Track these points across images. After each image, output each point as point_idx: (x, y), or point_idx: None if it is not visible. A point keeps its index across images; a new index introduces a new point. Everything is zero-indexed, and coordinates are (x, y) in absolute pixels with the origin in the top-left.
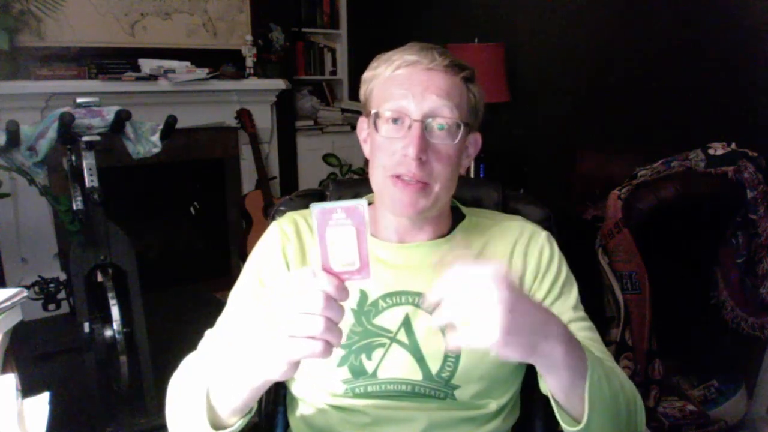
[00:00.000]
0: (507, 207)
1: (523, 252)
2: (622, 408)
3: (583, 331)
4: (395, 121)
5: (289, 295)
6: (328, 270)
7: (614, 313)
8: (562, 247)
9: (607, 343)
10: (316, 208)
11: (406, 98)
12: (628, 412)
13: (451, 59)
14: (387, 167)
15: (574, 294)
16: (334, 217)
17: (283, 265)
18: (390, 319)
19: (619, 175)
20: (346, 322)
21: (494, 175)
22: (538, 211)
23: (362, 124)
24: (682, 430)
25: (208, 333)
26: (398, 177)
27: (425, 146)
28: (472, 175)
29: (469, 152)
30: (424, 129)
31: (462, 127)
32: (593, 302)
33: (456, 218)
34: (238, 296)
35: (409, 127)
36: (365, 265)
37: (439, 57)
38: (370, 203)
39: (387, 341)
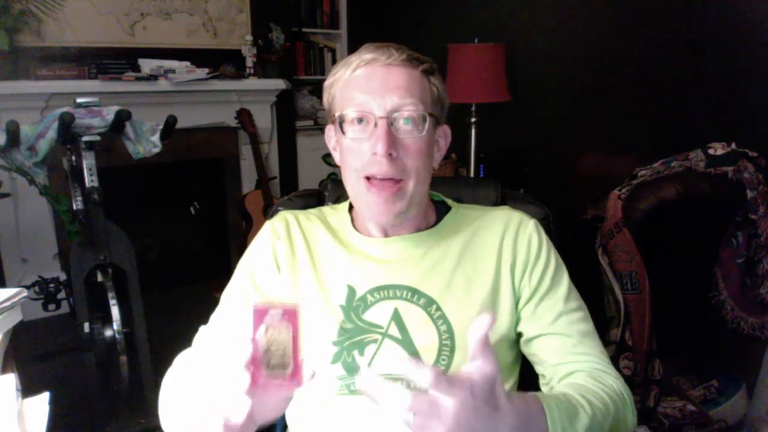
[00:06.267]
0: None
1: (512, 242)
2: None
3: (575, 324)
4: (360, 121)
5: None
6: (255, 375)
7: (614, 313)
8: (562, 247)
9: (607, 343)
10: (252, 306)
11: (368, 97)
12: (613, 423)
13: (409, 53)
14: (358, 169)
15: (564, 283)
16: (271, 314)
17: (273, 264)
18: (379, 313)
19: (619, 175)
20: (336, 319)
21: (494, 175)
22: (538, 211)
23: (329, 132)
24: (682, 430)
25: (203, 329)
26: (371, 178)
27: (393, 142)
28: (471, 175)
29: (440, 145)
30: (390, 125)
31: (428, 119)
32: (593, 302)
33: (442, 211)
34: (230, 295)
35: (375, 125)
36: (298, 371)
37: (396, 52)
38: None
39: (379, 337)
